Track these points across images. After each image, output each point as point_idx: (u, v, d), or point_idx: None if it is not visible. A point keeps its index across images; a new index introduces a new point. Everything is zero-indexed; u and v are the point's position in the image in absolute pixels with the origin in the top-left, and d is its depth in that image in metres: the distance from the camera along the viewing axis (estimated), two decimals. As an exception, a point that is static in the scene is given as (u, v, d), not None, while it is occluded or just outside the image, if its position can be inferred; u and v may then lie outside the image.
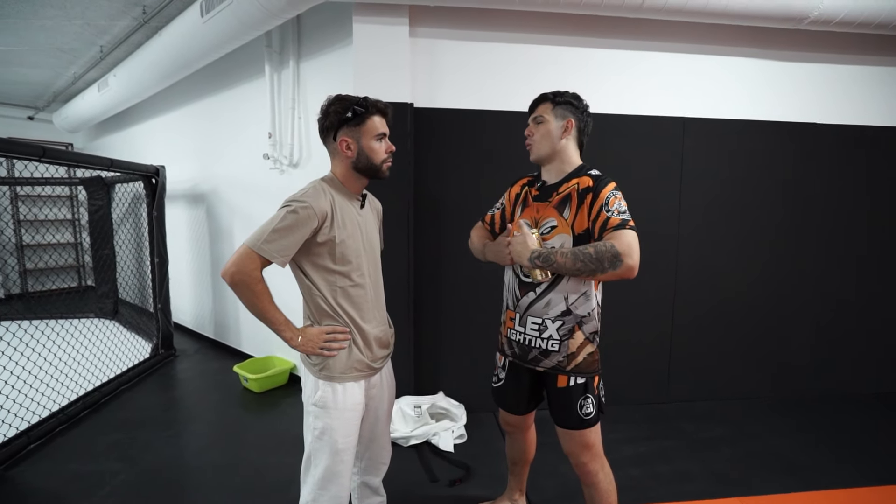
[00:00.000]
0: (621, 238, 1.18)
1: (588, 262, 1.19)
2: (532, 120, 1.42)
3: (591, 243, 1.23)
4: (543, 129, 1.38)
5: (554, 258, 1.24)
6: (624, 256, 1.16)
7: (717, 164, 2.68)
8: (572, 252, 1.22)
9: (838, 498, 1.91)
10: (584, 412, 1.35)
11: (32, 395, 2.51)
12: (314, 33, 2.78)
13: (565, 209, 1.32)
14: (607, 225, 1.21)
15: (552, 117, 1.37)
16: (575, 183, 1.33)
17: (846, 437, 2.40)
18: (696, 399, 2.81)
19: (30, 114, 5.75)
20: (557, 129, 1.37)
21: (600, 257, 1.18)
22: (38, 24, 3.22)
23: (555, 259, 1.24)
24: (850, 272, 2.87)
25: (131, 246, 4.56)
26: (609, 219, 1.22)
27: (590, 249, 1.19)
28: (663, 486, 1.98)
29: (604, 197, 1.25)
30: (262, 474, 2.06)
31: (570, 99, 1.38)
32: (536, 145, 1.40)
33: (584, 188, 1.30)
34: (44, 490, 1.95)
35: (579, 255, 1.20)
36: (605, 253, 1.17)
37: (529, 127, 1.43)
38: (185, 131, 4.02)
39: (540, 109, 1.40)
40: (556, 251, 1.25)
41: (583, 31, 2.51)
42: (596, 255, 1.18)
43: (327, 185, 1.24)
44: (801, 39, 2.65)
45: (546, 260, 1.25)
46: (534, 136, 1.41)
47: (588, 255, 1.19)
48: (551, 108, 1.37)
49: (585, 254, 1.19)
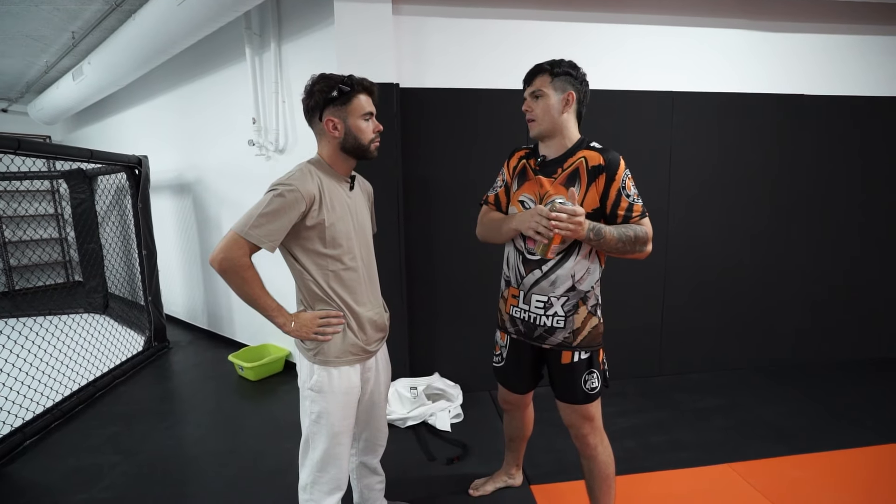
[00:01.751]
0: (649, 226, 1.28)
1: (627, 244, 1.25)
2: (530, 95, 1.33)
3: (628, 226, 1.26)
4: (543, 103, 1.30)
5: (604, 233, 1.24)
6: (649, 243, 1.28)
7: (705, 138, 2.68)
8: (618, 231, 1.25)
9: (827, 459, 1.98)
10: (588, 387, 1.36)
11: (25, 391, 2.49)
12: (294, 13, 2.69)
13: (575, 186, 1.28)
14: (632, 212, 1.27)
15: (552, 90, 1.29)
16: (581, 157, 1.29)
17: (832, 402, 2.47)
18: (688, 371, 2.87)
19: (3, 106, 5.55)
20: (558, 102, 1.29)
21: (637, 241, 1.26)
22: (3, 9, 3.08)
23: (604, 234, 1.24)
24: (838, 243, 2.91)
25: (118, 239, 4.47)
26: (633, 205, 1.27)
27: (630, 233, 1.25)
28: (657, 455, 2.03)
29: (620, 179, 1.26)
30: (260, 460, 2.08)
31: (567, 69, 1.30)
32: (538, 121, 1.32)
33: (594, 165, 1.26)
34: (42, 485, 1.95)
35: (622, 235, 1.25)
36: (642, 238, 1.26)
37: (527, 102, 1.34)
38: (166, 119, 3.91)
39: (538, 83, 1.31)
40: (606, 228, 1.24)
41: (570, 6, 2.46)
42: (635, 239, 1.25)
43: (314, 168, 1.21)
44: (787, 10, 2.63)
45: (598, 234, 1.23)
46: (534, 111, 1.32)
47: (629, 237, 1.25)
48: (550, 81, 1.29)
49: (627, 236, 1.25)
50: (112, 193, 4.36)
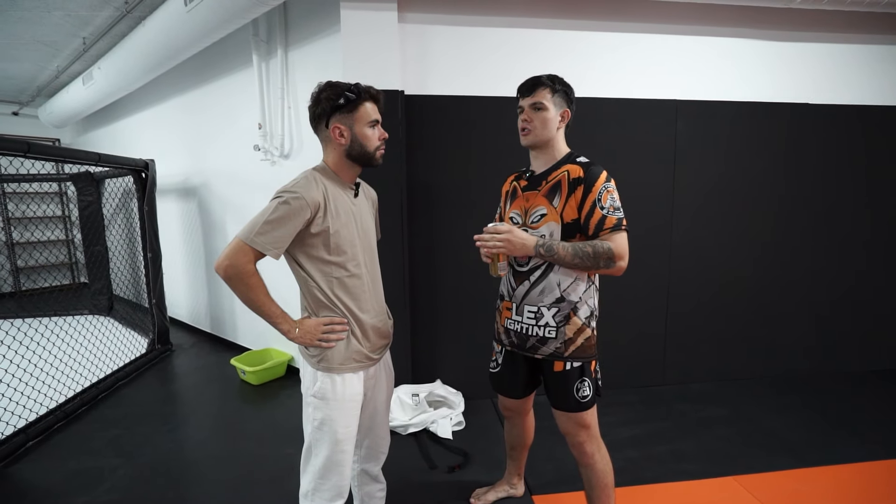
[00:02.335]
0: (617, 241, 1.26)
1: (585, 260, 1.26)
2: (530, 106, 1.35)
3: (588, 242, 1.28)
4: (542, 116, 1.33)
5: (556, 249, 1.28)
6: (618, 259, 1.26)
7: (710, 147, 2.68)
8: (572, 247, 1.27)
9: (832, 474, 1.95)
10: (580, 395, 1.36)
11: (29, 392, 2.50)
12: (301, 21, 2.72)
13: (555, 197, 1.32)
14: (603, 225, 1.27)
15: (552, 105, 1.34)
16: (564, 170, 1.33)
17: (838, 414, 2.44)
18: (691, 381, 2.84)
19: (14, 109, 5.64)
20: (555, 117, 1.34)
21: (597, 257, 1.25)
22: (16, 15, 3.14)
23: (556, 251, 1.28)
24: (842, 252, 2.89)
25: (124, 241, 4.51)
26: (605, 217, 1.27)
27: (588, 249, 1.26)
28: (660, 466, 2.01)
29: (596, 191, 1.27)
30: (261, 465, 2.07)
31: (564, 87, 1.36)
32: (536, 132, 1.35)
33: (574, 178, 1.30)
34: (43, 486, 1.95)
35: (578, 251, 1.26)
36: (602, 254, 1.25)
37: (526, 112, 1.36)
38: (173, 124, 3.95)
39: (539, 95, 1.34)
40: (558, 244, 1.28)
41: (574, 14, 2.48)
42: (594, 255, 1.25)
43: (319, 175, 1.22)
44: (792, 19, 2.63)
45: (549, 250, 1.28)
46: (532, 122, 1.35)
47: (587, 253, 1.26)
48: (551, 96, 1.34)
49: (584, 252, 1.26)
50: (119, 196, 4.40)
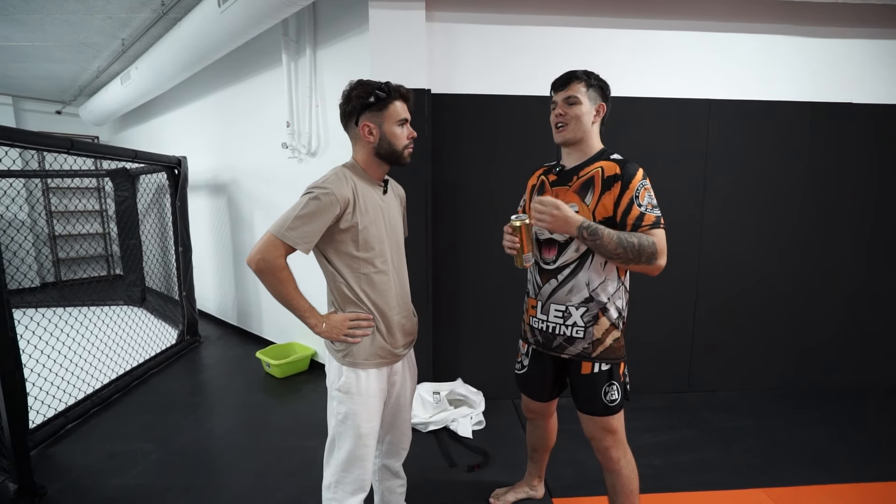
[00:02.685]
0: (659, 237, 1.22)
1: (629, 251, 1.20)
2: (564, 100, 1.32)
3: (633, 233, 1.21)
4: (577, 110, 1.30)
5: (601, 234, 1.20)
6: (659, 256, 1.21)
7: (742, 147, 2.59)
8: (618, 235, 1.20)
9: (865, 491, 1.86)
10: (608, 399, 1.34)
11: (69, 377, 2.63)
12: (330, 20, 2.76)
13: (587, 194, 1.29)
14: (642, 221, 1.22)
15: (587, 99, 1.30)
16: (598, 167, 1.29)
17: (873, 429, 2.33)
18: (718, 388, 2.76)
19: (57, 108, 5.92)
20: (590, 111, 1.31)
21: (642, 250, 1.20)
22: (61, 18, 3.29)
23: (601, 235, 1.21)
24: (878, 260, 2.75)
25: (156, 235, 4.68)
26: (644, 215, 1.22)
27: (634, 240, 1.20)
28: (685, 475, 1.96)
29: (634, 188, 1.23)
30: (284, 456, 2.12)
31: (600, 82, 1.33)
32: (570, 127, 1.31)
33: (610, 175, 1.26)
34: (81, 467, 2.05)
35: (623, 240, 1.20)
36: (648, 248, 1.20)
37: (560, 106, 1.33)
38: (205, 122, 4.08)
39: (573, 89, 1.31)
40: (604, 229, 1.21)
41: (603, 12, 2.43)
42: (639, 248, 1.20)
43: (349, 172, 1.24)
44: (836, 14, 2.51)
45: (594, 233, 1.21)
46: (567, 115, 1.31)
47: (632, 244, 1.20)
48: (585, 90, 1.31)
49: (630, 242, 1.20)
50: (152, 192, 4.56)
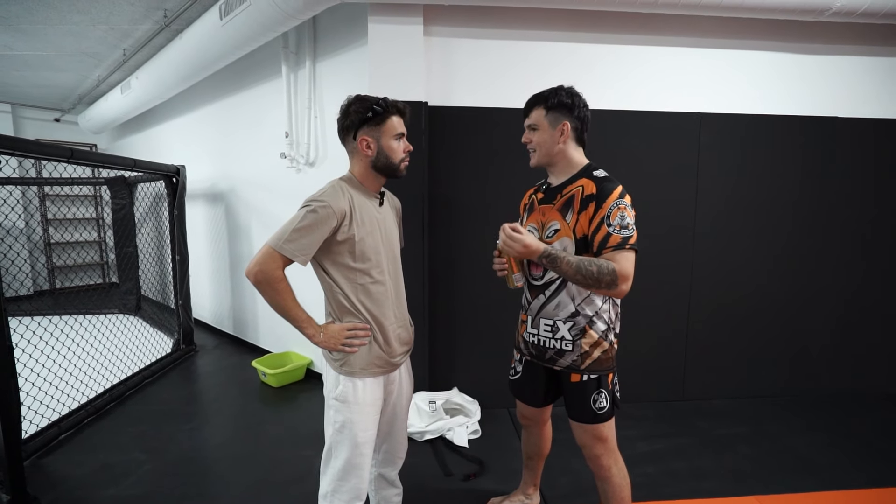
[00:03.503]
0: (622, 261, 1.22)
1: (587, 278, 1.23)
2: (528, 127, 1.40)
3: (594, 259, 1.24)
4: (539, 136, 1.37)
5: (560, 262, 1.25)
6: (620, 281, 1.22)
7: (733, 160, 2.65)
8: (577, 262, 1.24)
9: (856, 498, 1.88)
10: (597, 406, 1.36)
11: (63, 387, 2.61)
12: (330, 34, 2.82)
13: (568, 213, 1.32)
14: (607, 243, 1.23)
15: (546, 123, 1.35)
16: (579, 186, 1.32)
17: (865, 436, 2.36)
18: (711, 397, 2.78)
19: (56, 116, 5.94)
20: (553, 135, 1.35)
21: (601, 278, 1.22)
22: (64, 29, 3.33)
23: (560, 264, 1.25)
24: (868, 269, 2.80)
25: (153, 244, 4.68)
26: (610, 235, 1.23)
27: (593, 268, 1.22)
28: (679, 483, 1.97)
29: (606, 208, 1.24)
30: (279, 466, 2.12)
31: (563, 100, 1.33)
32: (537, 153, 1.39)
33: (588, 194, 1.28)
34: (75, 477, 2.04)
35: (582, 268, 1.23)
36: (606, 275, 1.21)
37: (525, 134, 1.42)
38: (204, 131, 4.11)
39: (533, 117, 1.38)
40: (563, 257, 1.25)
41: (597, 28, 2.49)
42: (597, 274, 1.22)
43: (346, 185, 1.27)
44: (821, 31, 2.59)
45: (553, 261, 1.26)
46: (531, 143, 1.40)
47: (590, 272, 1.22)
48: (545, 115, 1.35)
49: (588, 270, 1.22)
50: (150, 200, 4.57)
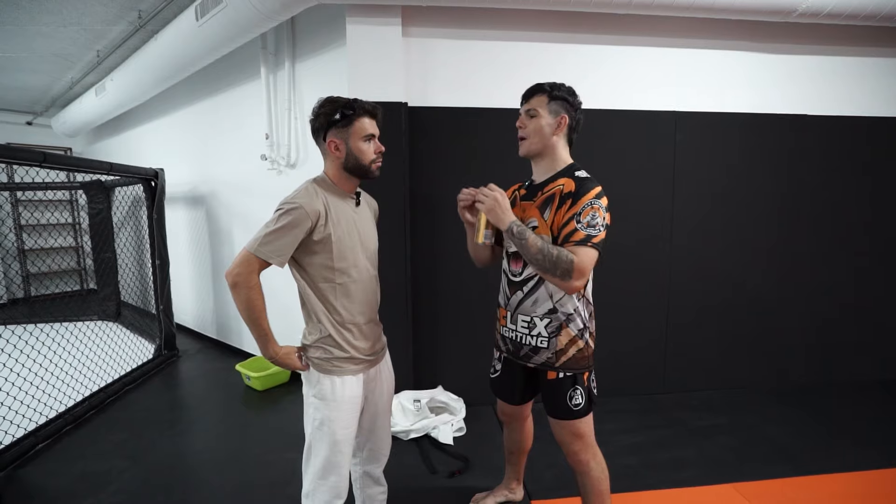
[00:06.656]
0: (581, 256, 1.21)
1: (545, 261, 1.23)
2: (525, 112, 1.36)
3: (557, 246, 1.25)
4: (536, 123, 1.34)
5: (526, 237, 1.25)
6: (575, 275, 1.21)
7: (709, 158, 2.71)
8: (542, 243, 1.24)
9: (831, 482, 1.95)
10: (573, 403, 1.38)
11: (39, 396, 2.55)
12: (308, 35, 2.80)
13: (546, 210, 1.32)
14: (571, 237, 1.23)
15: (546, 112, 1.33)
16: (561, 184, 1.32)
17: (839, 423, 2.44)
18: (692, 389, 2.85)
19: (28, 119, 5.78)
20: (550, 124, 1.33)
21: (557, 263, 1.22)
22: (34, 30, 3.25)
23: (526, 239, 1.25)
24: (843, 261, 2.90)
25: (132, 248, 4.59)
26: (576, 231, 1.23)
27: (553, 251, 1.22)
28: (659, 473, 2.02)
29: (580, 206, 1.24)
30: (264, 469, 2.10)
31: (565, 94, 1.34)
32: (528, 140, 1.36)
33: (567, 192, 1.29)
34: (52, 489, 1.99)
35: (544, 249, 1.23)
36: (563, 263, 1.21)
37: (521, 118, 1.38)
38: (182, 134, 4.05)
39: (534, 102, 1.34)
40: (530, 235, 1.26)
41: (574, 28, 2.53)
42: (555, 259, 1.22)
43: (318, 186, 1.27)
44: (791, 32, 2.67)
45: (520, 234, 1.26)
46: (526, 129, 1.36)
47: (550, 254, 1.22)
48: (546, 102, 1.33)
49: (549, 252, 1.23)
50: (128, 205, 4.49)
